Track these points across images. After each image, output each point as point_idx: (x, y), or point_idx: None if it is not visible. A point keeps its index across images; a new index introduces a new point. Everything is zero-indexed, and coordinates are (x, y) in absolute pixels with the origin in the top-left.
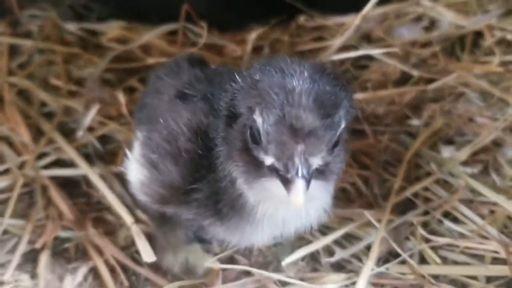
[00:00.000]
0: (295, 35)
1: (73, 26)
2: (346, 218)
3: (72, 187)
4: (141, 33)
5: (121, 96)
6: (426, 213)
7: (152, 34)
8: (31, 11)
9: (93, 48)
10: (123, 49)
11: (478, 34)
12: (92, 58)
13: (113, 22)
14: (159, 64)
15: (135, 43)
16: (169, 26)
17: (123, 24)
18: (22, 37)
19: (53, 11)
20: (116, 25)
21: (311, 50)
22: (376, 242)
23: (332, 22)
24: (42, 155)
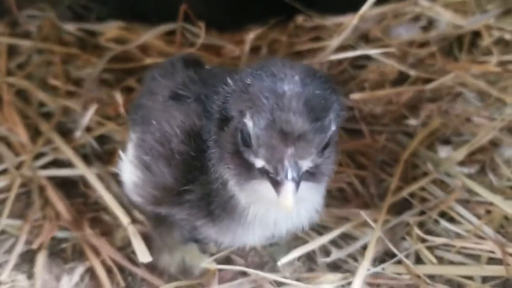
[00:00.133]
0: (293, 35)
1: (71, 27)
2: (342, 218)
3: (69, 187)
4: (139, 33)
5: (119, 96)
6: (422, 213)
7: (150, 34)
8: (30, 12)
9: (91, 48)
10: (122, 49)
11: (476, 34)
12: (90, 58)
13: (111, 23)
14: (157, 64)
15: (134, 43)
16: (167, 26)
17: (122, 24)
18: (20, 37)
19: (51, 12)
20: (114, 25)
21: (309, 50)
22: (372, 242)
23: (330, 22)
24: (39, 155)
